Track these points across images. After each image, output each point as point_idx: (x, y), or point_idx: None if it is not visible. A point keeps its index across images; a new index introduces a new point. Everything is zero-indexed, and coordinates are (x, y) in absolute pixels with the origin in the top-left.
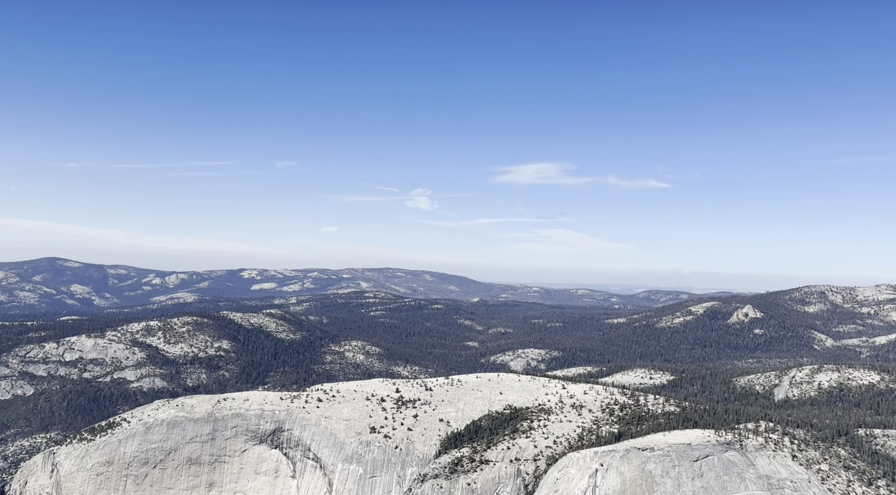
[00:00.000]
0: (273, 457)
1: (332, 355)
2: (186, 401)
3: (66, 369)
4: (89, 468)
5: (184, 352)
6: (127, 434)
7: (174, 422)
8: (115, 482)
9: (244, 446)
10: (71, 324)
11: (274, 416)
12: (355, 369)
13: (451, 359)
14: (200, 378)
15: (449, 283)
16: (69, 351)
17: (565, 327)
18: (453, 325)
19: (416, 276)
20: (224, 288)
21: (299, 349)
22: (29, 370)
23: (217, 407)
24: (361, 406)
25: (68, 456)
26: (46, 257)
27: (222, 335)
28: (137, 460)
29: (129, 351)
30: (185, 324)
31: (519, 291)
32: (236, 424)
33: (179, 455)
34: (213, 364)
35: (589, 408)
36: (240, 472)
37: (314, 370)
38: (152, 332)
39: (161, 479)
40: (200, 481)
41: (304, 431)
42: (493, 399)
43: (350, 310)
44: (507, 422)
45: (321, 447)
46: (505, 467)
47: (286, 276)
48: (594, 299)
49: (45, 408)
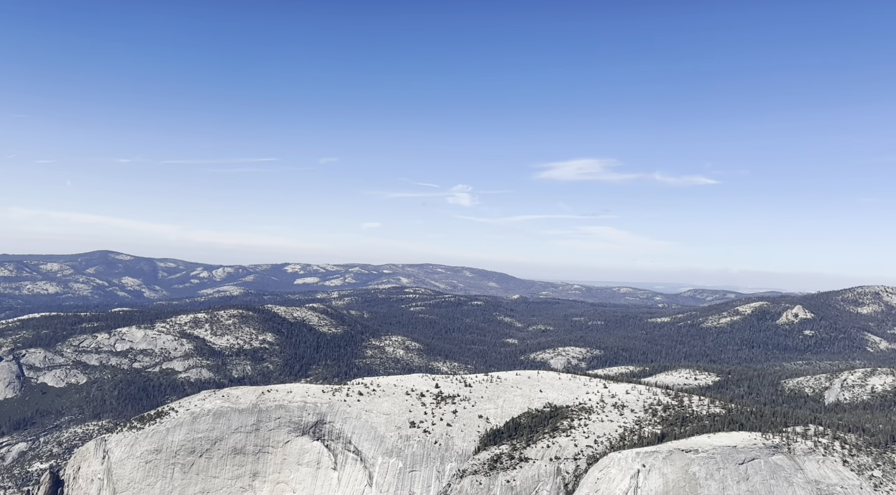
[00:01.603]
0: (315, 449)
1: (373, 349)
2: (232, 392)
3: (117, 359)
4: (138, 455)
5: (229, 344)
6: (175, 423)
7: (220, 413)
8: (163, 470)
9: (287, 437)
10: (122, 316)
11: (316, 409)
12: (395, 364)
13: (491, 356)
14: (245, 369)
15: (489, 280)
16: (120, 341)
17: (607, 325)
18: (493, 322)
19: (456, 272)
20: (269, 282)
21: (340, 343)
22: (82, 359)
23: (261, 398)
24: (401, 400)
25: (119, 444)
26: (99, 250)
27: (266, 328)
28: (184, 449)
29: (178, 342)
30: (231, 316)
31: (560, 289)
32: (280, 415)
33: (225, 444)
34: (258, 356)
35: (631, 408)
36: (283, 463)
37: (355, 364)
38: (200, 324)
39: (207, 468)
40: (245, 471)
41: (346, 424)
42: (533, 396)
43: (390, 306)
44: (547, 421)
45: (361, 440)
46: (545, 465)
47: (328, 271)
48: (637, 298)
49: (97, 397)
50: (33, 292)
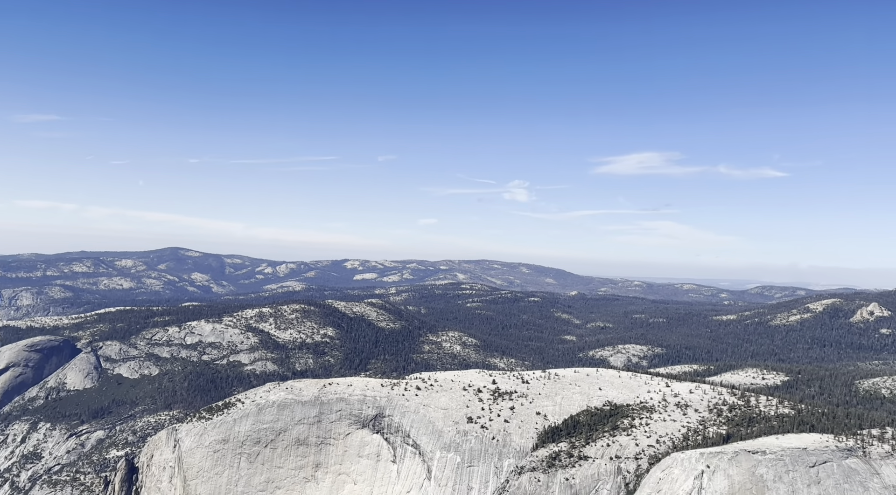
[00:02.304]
0: (374, 442)
1: (430, 345)
2: (295, 385)
3: (187, 351)
4: (207, 445)
5: (292, 338)
6: (241, 414)
7: (284, 404)
8: (231, 459)
9: (347, 429)
10: (192, 310)
11: (375, 402)
12: (452, 359)
13: (548, 353)
14: (308, 362)
15: (546, 276)
16: (190, 335)
17: (669, 323)
18: (550, 318)
19: (513, 269)
20: (329, 277)
21: (398, 338)
22: (154, 352)
23: (323, 391)
24: (458, 396)
25: (188, 433)
26: (170, 247)
27: (327, 322)
28: (250, 439)
29: (244, 335)
30: (294, 311)
31: (619, 285)
32: (340, 408)
33: (288, 435)
34: (319, 350)
35: (695, 408)
36: (344, 454)
37: (412, 359)
38: (264, 319)
39: (272, 458)
40: (308, 461)
41: (404, 418)
42: (592, 394)
43: (447, 301)
44: (607, 419)
45: (420, 434)
46: (605, 464)
47: (386, 267)
48: (701, 294)
49: (168, 388)
50: (109, 287)
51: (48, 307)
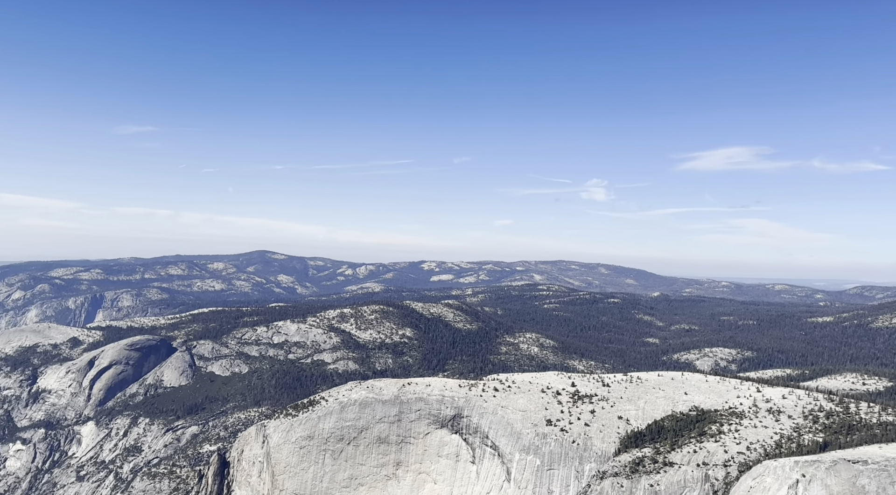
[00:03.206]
0: (453, 442)
1: (507, 346)
2: (375, 384)
3: (274, 350)
4: (293, 441)
5: (372, 338)
6: (325, 411)
7: (365, 403)
8: (316, 455)
9: (427, 429)
10: (278, 310)
11: (453, 402)
12: (530, 361)
13: (629, 356)
14: (387, 362)
15: (626, 277)
16: (276, 334)
17: (760, 325)
18: (631, 320)
19: (591, 269)
20: (406, 278)
21: (475, 339)
22: (244, 350)
23: (402, 390)
24: (537, 398)
25: (276, 430)
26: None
27: (405, 323)
28: (334, 436)
29: (326, 335)
30: (374, 312)
31: (705, 286)
32: (419, 408)
33: (370, 433)
34: (398, 350)
35: (788, 414)
36: (423, 454)
37: (490, 360)
38: (345, 319)
39: (354, 455)
40: (389, 459)
41: (482, 419)
42: (677, 399)
43: (524, 302)
44: (693, 424)
45: (498, 436)
46: (691, 471)
47: (462, 268)
48: (794, 295)
49: (257, 385)
50: (202, 289)
51: (146, 308)
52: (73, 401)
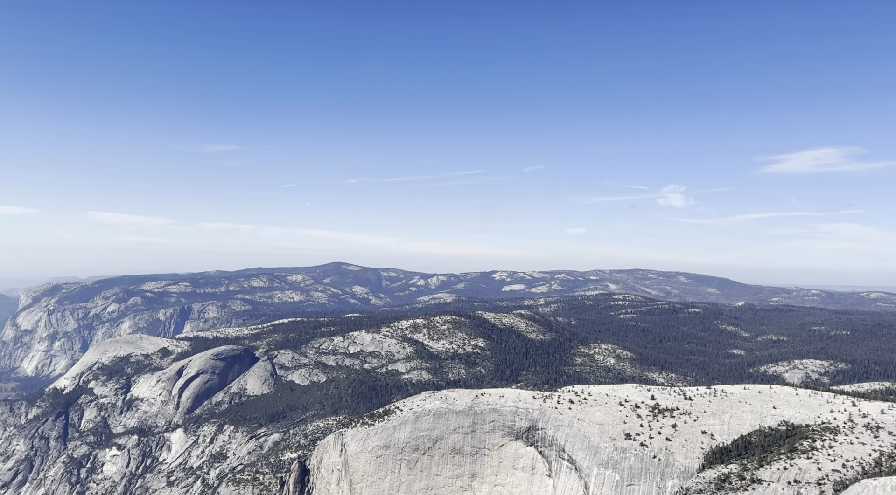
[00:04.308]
0: (529, 455)
1: (582, 357)
2: (449, 394)
3: (350, 360)
4: (370, 450)
5: (445, 348)
6: (400, 421)
7: (439, 413)
8: (392, 465)
9: (501, 441)
10: (353, 321)
11: (528, 414)
12: (606, 373)
13: (713, 368)
14: (460, 372)
15: (707, 285)
16: (352, 344)
17: (854, 336)
18: (714, 331)
19: (670, 278)
20: (478, 289)
21: (549, 349)
22: (322, 360)
23: (475, 401)
24: (615, 411)
25: (353, 438)
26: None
27: (478, 333)
28: (409, 446)
29: (400, 345)
30: (446, 322)
31: (793, 294)
32: (493, 419)
33: (445, 444)
34: (471, 360)
35: (888, 430)
36: (498, 466)
37: (564, 371)
38: (418, 329)
39: (429, 466)
40: (464, 471)
41: (558, 432)
42: (765, 413)
43: (598, 312)
44: (783, 440)
45: (575, 449)
46: (781, 489)
47: (534, 278)
48: (892, 304)
49: (334, 394)
50: (282, 300)
51: (231, 319)
52: (163, 409)
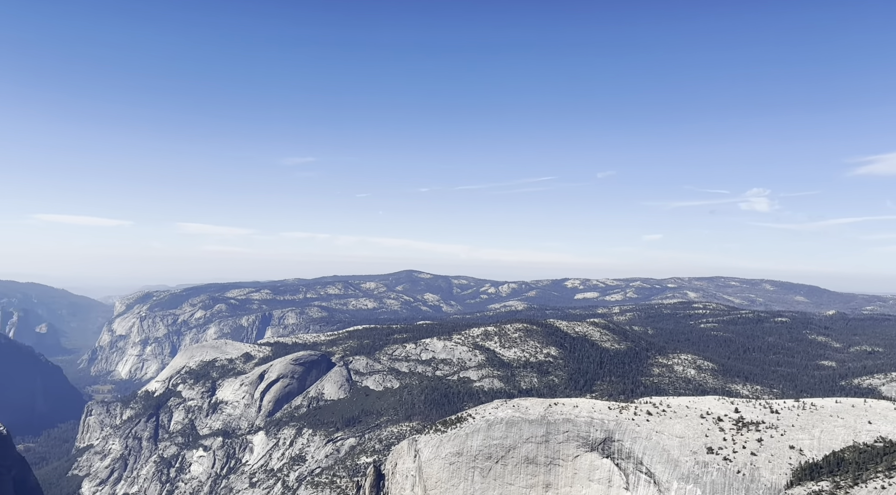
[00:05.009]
0: (605, 467)
1: (660, 368)
2: (521, 403)
3: (422, 367)
4: (443, 457)
5: (517, 356)
6: (472, 429)
7: (511, 422)
8: (465, 472)
9: (576, 452)
10: (425, 328)
11: (603, 425)
12: (686, 384)
13: (801, 380)
14: (532, 381)
15: (794, 293)
16: (424, 351)
17: None
18: (802, 341)
19: (754, 286)
20: (549, 296)
21: (624, 359)
22: (395, 366)
23: (549, 410)
24: (695, 423)
25: (426, 445)
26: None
27: (550, 342)
28: (482, 454)
29: (471, 353)
30: (517, 330)
31: (889, 302)
32: (567, 429)
33: (517, 453)
34: (543, 369)
35: None
36: (573, 477)
37: (641, 382)
38: (489, 337)
39: (502, 474)
40: (538, 481)
41: (635, 444)
42: (860, 428)
43: (677, 321)
44: (880, 457)
45: (653, 462)
46: None
47: (608, 286)
48: None
49: (407, 400)
50: (356, 307)
51: (308, 325)
52: (246, 412)
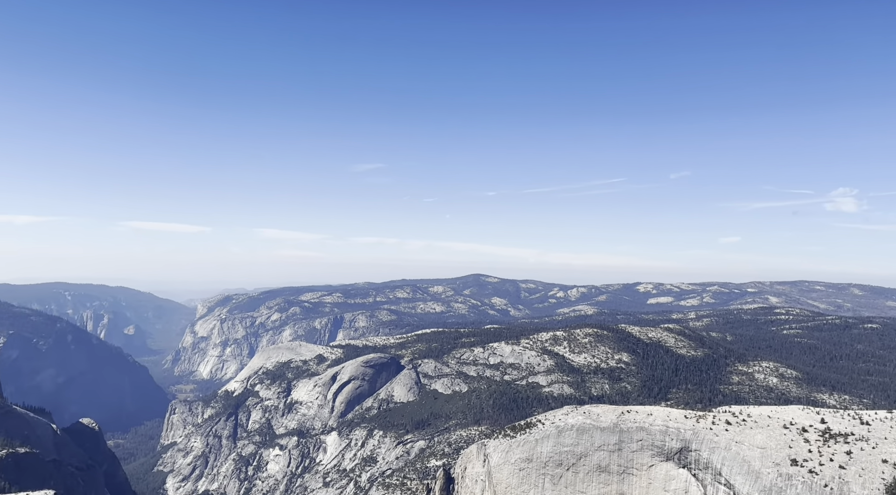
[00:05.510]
0: (681, 477)
1: (739, 375)
2: (593, 409)
3: (490, 371)
4: (513, 462)
5: (587, 362)
6: (542, 435)
7: (583, 429)
8: (535, 479)
9: (650, 461)
10: (493, 332)
11: (679, 435)
12: (767, 393)
13: (894, 390)
14: (603, 388)
15: (886, 298)
16: (492, 355)
17: None
18: (895, 349)
19: (841, 290)
20: (620, 301)
21: (701, 366)
22: (463, 370)
23: (621, 418)
24: (778, 434)
25: (496, 450)
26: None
27: (621, 347)
28: (552, 461)
29: (540, 358)
30: (587, 335)
31: None
32: (641, 438)
33: (589, 461)
34: (615, 375)
35: None
36: (648, 487)
37: (719, 390)
38: (558, 342)
39: (574, 482)
40: (611, 490)
41: (713, 454)
42: None
43: (757, 328)
44: None
45: (733, 473)
46: None
47: (683, 290)
48: None
49: (476, 404)
50: (424, 311)
51: (378, 328)
52: (319, 412)
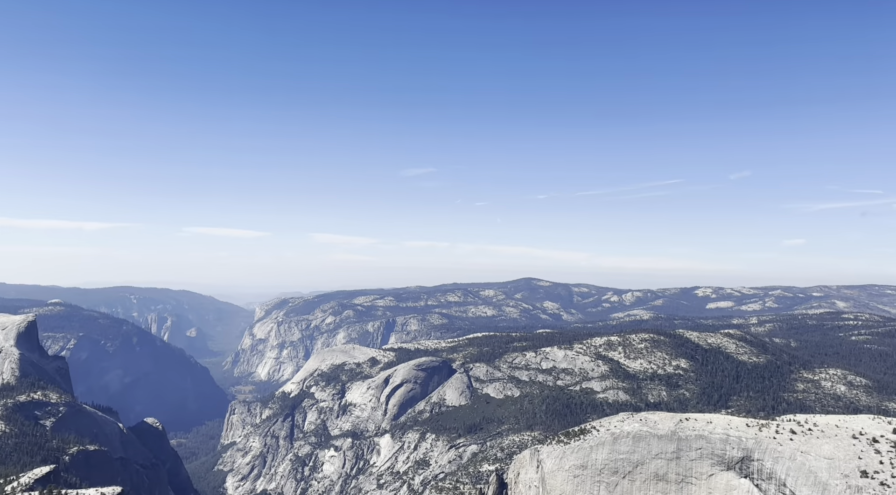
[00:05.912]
0: (743, 487)
1: (805, 383)
2: (649, 417)
3: (542, 376)
4: (567, 469)
5: (643, 368)
6: (597, 442)
7: (639, 436)
8: (590, 486)
9: (710, 470)
10: (545, 336)
11: (740, 443)
12: (835, 401)
13: None
14: (661, 395)
15: None
16: (545, 360)
17: None
18: None
19: None
20: (678, 306)
21: (763, 374)
22: (515, 375)
23: (679, 426)
24: (846, 444)
25: (549, 455)
26: (524, 278)
27: (679, 353)
28: (608, 468)
29: (594, 363)
30: (643, 340)
31: None
32: (700, 446)
33: (646, 469)
34: (672, 382)
35: None
36: None
37: (783, 398)
38: (613, 347)
39: (630, 490)
40: None
41: (777, 464)
42: None
43: (824, 333)
44: None
45: (798, 484)
46: None
47: (744, 295)
48: None
49: (528, 409)
50: (475, 315)
51: (429, 332)
52: (372, 415)
